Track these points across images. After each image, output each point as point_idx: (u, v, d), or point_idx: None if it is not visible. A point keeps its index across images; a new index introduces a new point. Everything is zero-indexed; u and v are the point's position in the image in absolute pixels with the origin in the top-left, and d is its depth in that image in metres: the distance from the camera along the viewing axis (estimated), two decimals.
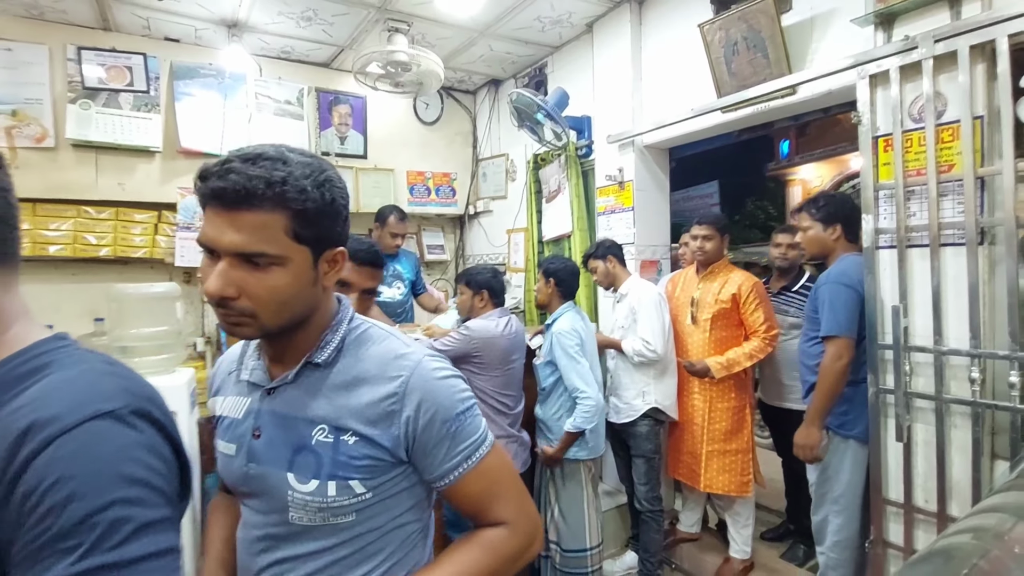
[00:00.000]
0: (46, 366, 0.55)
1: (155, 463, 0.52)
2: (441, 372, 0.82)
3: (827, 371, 2.03)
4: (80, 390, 0.52)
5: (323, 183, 0.72)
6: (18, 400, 0.51)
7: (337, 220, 0.76)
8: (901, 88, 1.86)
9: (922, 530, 1.85)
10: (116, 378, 0.56)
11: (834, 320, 2.02)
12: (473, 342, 2.13)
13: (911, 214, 1.86)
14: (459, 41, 3.34)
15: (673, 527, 2.83)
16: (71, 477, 0.46)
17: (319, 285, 0.77)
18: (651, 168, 3.01)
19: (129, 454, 0.50)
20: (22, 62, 2.92)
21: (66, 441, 0.47)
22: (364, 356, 0.81)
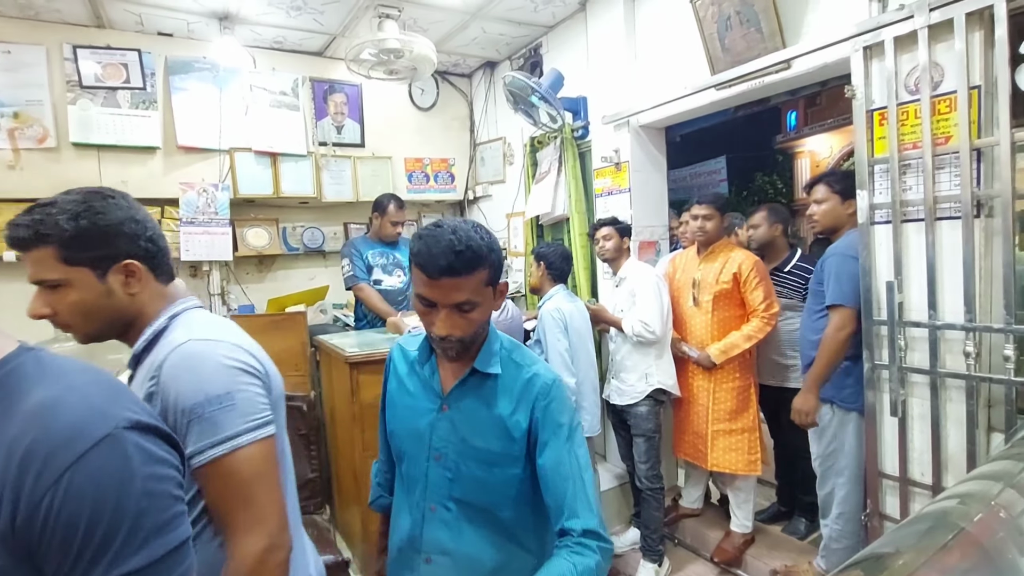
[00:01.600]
0: (18, 383, 0.55)
1: (157, 469, 0.57)
2: (198, 359, 0.87)
3: (829, 339, 2.06)
4: (70, 414, 0.53)
5: (79, 214, 0.85)
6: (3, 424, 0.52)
7: (109, 240, 0.88)
8: (896, 59, 1.83)
9: (918, 503, 1.87)
10: (98, 387, 0.59)
11: (839, 290, 2.04)
12: None
13: (907, 188, 1.84)
14: (451, 24, 3.31)
15: (676, 503, 2.87)
16: (88, 506, 0.50)
17: (120, 295, 0.91)
18: (647, 148, 2.98)
19: (132, 472, 0.54)
20: (21, 64, 2.94)
21: (77, 472, 0.50)
22: (158, 347, 0.92)
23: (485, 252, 0.95)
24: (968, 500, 0.94)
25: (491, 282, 0.99)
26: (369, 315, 3.14)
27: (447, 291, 0.93)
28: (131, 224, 0.91)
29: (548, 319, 2.27)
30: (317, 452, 2.35)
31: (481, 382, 1.06)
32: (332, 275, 3.90)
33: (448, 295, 0.94)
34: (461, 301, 0.95)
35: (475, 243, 0.93)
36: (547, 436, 1.02)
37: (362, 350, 2.33)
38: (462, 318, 0.97)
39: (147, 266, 0.93)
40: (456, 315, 0.96)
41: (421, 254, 0.92)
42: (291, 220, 3.82)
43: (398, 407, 1.15)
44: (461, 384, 1.07)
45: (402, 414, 1.14)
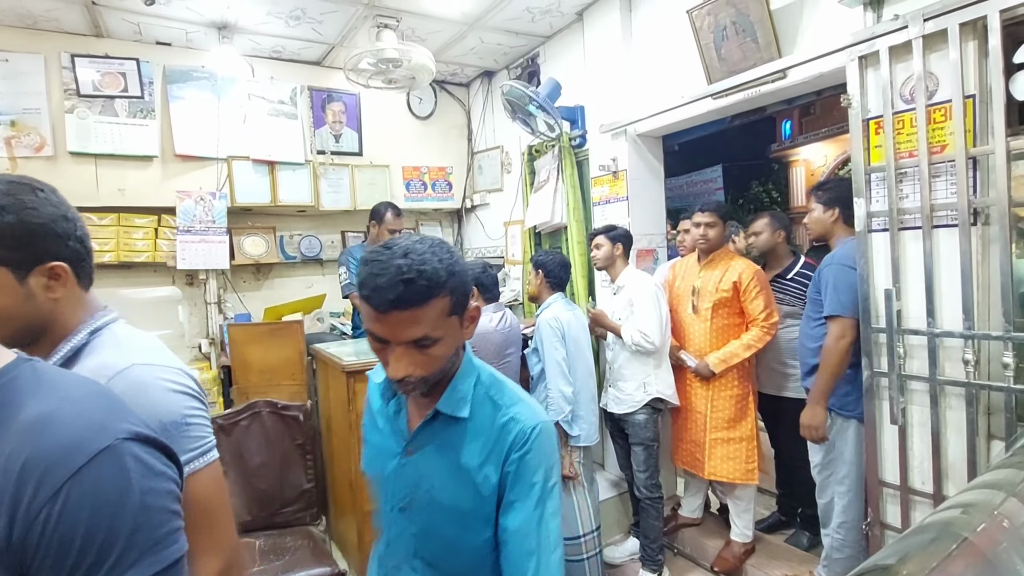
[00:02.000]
0: (14, 396, 0.55)
1: (156, 483, 0.56)
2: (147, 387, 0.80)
3: (830, 351, 2.06)
4: (67, 428, 0.53)
5: (5, 208, 0.77)
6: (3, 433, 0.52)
7: (37, 238, 0.79)
8: (891, 69, 1.84)
9: (919, 511, 1.86)
10: (95, 400, 0.58)
11: (837, 300, 2.05)
12: None
13: (903, 196, 1.85)
14: (450, 34, 3.33)
15: (675, 512, 2.85)
16: (84, 521, 0.49)
17: (40, 300, 0.80)
18: (645, 156, 3.00)
19: (129, 486, 0.53)
20: (19, 72, 2.94)
21: (74, 486, 0.50)
22: (83, 367, 0.82)
23: (443, 278, 0.81)
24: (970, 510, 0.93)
25: (455, 311, 0.85)
26: None
27: (399, 326, 0.81)
28: (62, 223, 0.82)
29: (546, 327, 2.26)
30: (313, 462, 2.34)
31: (448, 425, 0.92)
32: (329, 283, 3.89)
33: (400, 331, 0.81)
34: (417, 337, 0.82)
35: (429, 268, 0.80)
36: (515, 496, 0.87)
37: (359, 359, 2.32)
38: (421, 355, 0.84)
39: (74, 270, 0.83)
40: (414, 352, 0.83)
41: (366, 285, 0.79)
42: (288, 228, 3.82)
43: (369, 444, 1.04)
44: (426, 426, 0.92)
45: (370, 453, 1.02)
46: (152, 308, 2.46)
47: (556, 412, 2.22)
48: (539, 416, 0.92)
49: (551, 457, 0.90)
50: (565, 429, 2.24)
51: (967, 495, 1.05)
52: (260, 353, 2.83)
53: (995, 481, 1.10)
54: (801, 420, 2.17)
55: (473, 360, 0.97)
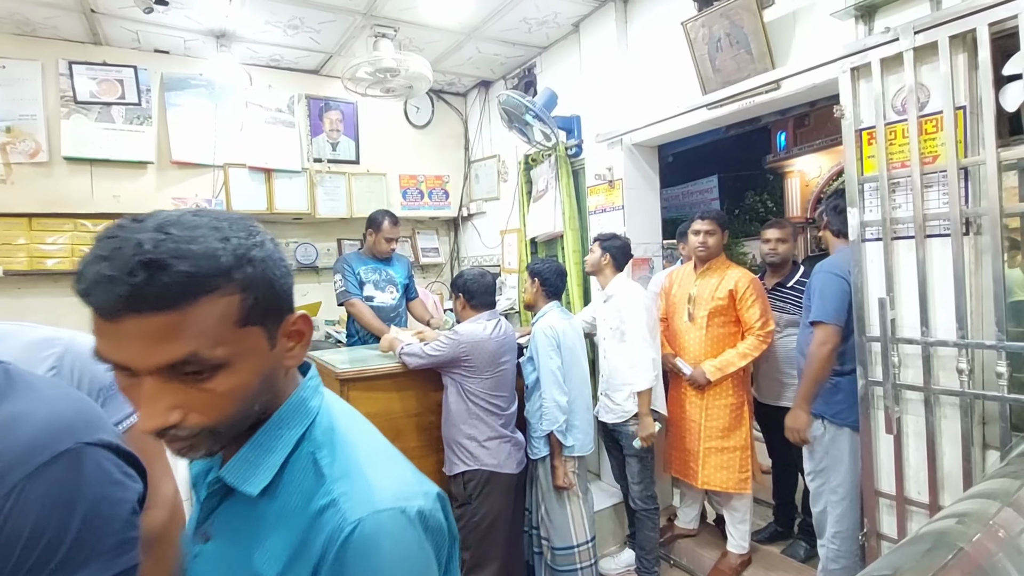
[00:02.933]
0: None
1: (112, 492, 0.54)
2: None
3: (813, 356, 2.11)
4: (35, 426, 0.52)
5: None
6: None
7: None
8: (883, 80, 1.86)
9: (915, 522, 1.85)
10: (67, 402, 0.58)
11: (822, 307, 2.09)
12: (461, 346, 2.14)
13: (896, 206, 1.86)
14: (447, 44, 3.35)
15: (671, 523, 2.83)
16: (31, 521, 0.48)
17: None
18: (640, 166, 3.01)
19: (84, 490, 0.51)
20: (16, 78, 2.95)
21: (29, 485, 0.49)
22: None
23: (225, 264, 0.52)
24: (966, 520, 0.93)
25: (255, 318, 0.55)
26: (361, 332, 3.12)
27: (141, 342, 0.50)
28: None
29: (541, 336, 2.26)
30: None
31: (247, 503, 0.59)
32: (325, 291, 3.88)
33: (145, 350, 0.50)
34: (176, 359, 0.51)
35: (198, 249, 0.51)
36: None
37: (353, 366, 2.30)
38: (192, 390, 0.52)
39: None
40: (176, 387, 0.52)
41: (83, 274, 0.50)
42: (284, 236, 3.81)
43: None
44: (220, 500, 0.63)
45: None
46: None
47: (551, 422, 2.21)
48: (373, 503, 0.55)
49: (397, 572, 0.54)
50: (559, 439, 2.23)
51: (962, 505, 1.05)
52: None
53: (990, 491, 1.10)
54: (785, 422, 2.22)
55: (310, 401, 0.63)
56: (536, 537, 2.39)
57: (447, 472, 2.22)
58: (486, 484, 2.15)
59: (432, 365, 2.20)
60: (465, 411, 2.17)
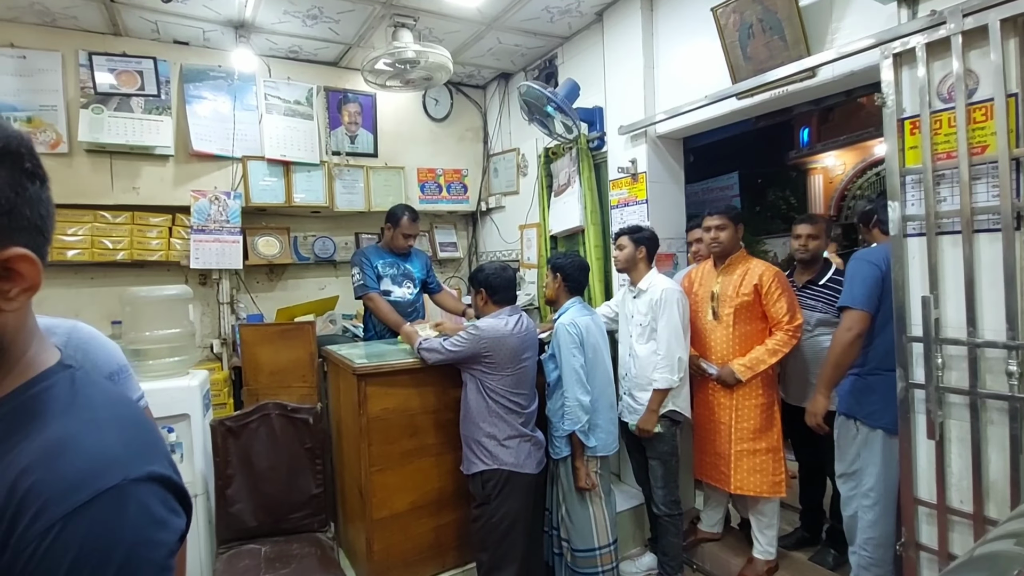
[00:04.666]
0: (46, 407, 0.53)
1: (154, 534, 0.51)
2: None
3: (836, 340, 2.09)
4: (82, 457, 0.49)
5: None
6: (17, 451, 0.49)
7: None
8: (928, 66, 1.76)
9: (957, 532, 1.76)
10: (120, 427, 0.54)
11: (850, 292, 2.06)
12: (482, 342, 2.09)
13: (941, 199, 1.76)
14: (467, 35, 3.29)
15: (694, 526, 2.75)
16: (68, 562, 0.45)
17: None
18: (665, 159, 2.93)
19: (125, 534, 0.48)
20: (36, 69, 2.95)
21: (67, 525, 0.45)
22: None
23: None
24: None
25: None
26: (378, 326, 3.08)
27: None
28: None
29: (563, 333, 2.19)
30: (322, 467, 2.28)
31: None
32: (342, 285, 3.86)
33: None
34: None
35: None
36: None
37: (371, 361, 2.27)
38: None
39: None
40: None
41: None
42: (302, 229, 3.79)
43: None
44: None
45: None
46: (162, 306, 2.43)
47: (573, 422, 2.15)
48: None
49: None
50: (582, 439, 2.17)
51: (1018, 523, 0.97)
52: (270, 354, 2.79)
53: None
54: (807, 408, 2.21)
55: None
56: (556, 538, 2.34)
57: (465, 471, 2.18)
58: (505, 484, 2.10)
59: (452, 361, 2.15)
60: (485, 409, 2.11)
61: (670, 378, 2.27)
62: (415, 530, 2.29)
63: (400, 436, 2.25)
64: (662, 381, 2.28)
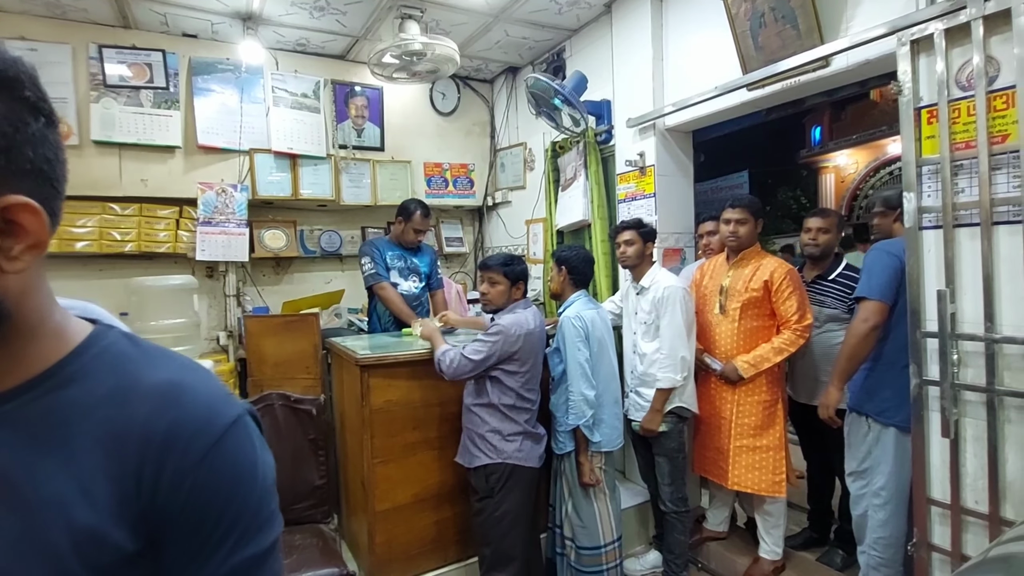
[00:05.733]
0: (126, 360, 0.53)
1: (268, 458, 0.55)
2: None
3: (852, 331, 2.04)
4: (201, 397, 0.52)
5: None
6: (123, 401, 0.49)
7: None
8: (947, 54, 1.71)
9: (971, 533, 1.71)
10: (204, 373, 0.56)
11: (867, 283, 2.02)
12: (509, 340, 2.03)
13: (959, 191, 1.71)
14: (474, 27, 3.27)
15: (699, 524, 2.71)
16: (224, 488, 0.50)
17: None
18: (673, 152, 2.89)
19: (257, 457, 0.53)
20: (47, 62, 2.96)
21: (216, 453, 0.49)
22: None
23: None
24: None
25: None
26: (383, 318, 3.07)
27: None
28: None
29: (569, 326, 2.16)
30: (326, 458, 2.27)
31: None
32: (349, 279, 3.85)
33: None
34: None
35: None
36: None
37: (374, 352, 2.25)
38: None
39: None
40: None
41: None
42: (309, 223, 3.79)
43: None
44: None
45: None
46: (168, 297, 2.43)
47: (577, 416, 2.12)
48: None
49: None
50: (586, 434, 2.14)
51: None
52: (275, 346, 2.79)
53: None
54: (820, 401, 2.16)
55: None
56: (559, 536, 2.31)
57: (467, 464, 2.15)
58: (509, 478, 2.07)
59: (482, 369, 2.06)
60: (492, 405, 2.08)
61: (673, 377, 2.24)
62: (417, 523, 2.27)
63: (403, 429, 2.23)
64: (665, 380, 2.24)
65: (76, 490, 0.46)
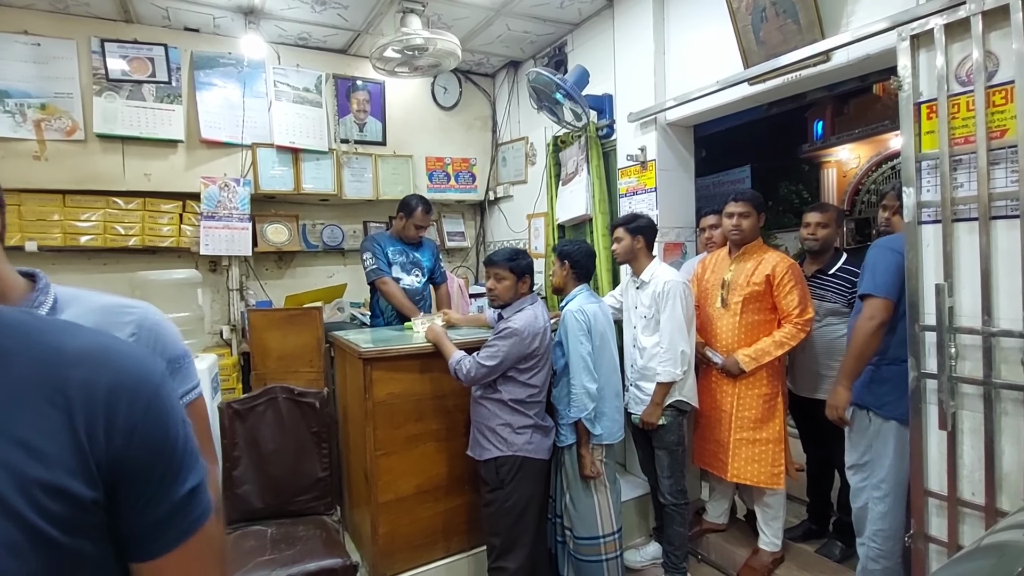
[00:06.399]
0: (54, 323, 0.60)
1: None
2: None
3: (858, 329, 2.02)
4: (134, 356, 0.59)
5: None
6: (70, 348, 0.54)
7: None
8: (947, 48, 1.71)
9: (968, 525, 1.73)
10: (120, 340, 0.64)
11: (871, 280, 2.00)
12: (525, 339, 2.04)
13: (958, 185, 1.72)
14: (476, 21, 3.27)
15: (699, 517, 2.74)
16: (163, 432, 0.57)
17: None
18: (675, 147, 2.89)
19: (179, 405, 0.60)
20: (51, 56, 2.98)
21: (156, 403, 0.56)
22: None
23: None
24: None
25: None
26: (386, 312, 3.09)
27: None
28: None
29: (571, 320, 2.18)
30: (329, 450, 2.30)
31: None
32: (351, 273, 3.87)
33: None
34: None
35: None
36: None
37: (376, 346, 2.27)
38: None
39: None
40: None
41: None
42: (311, 217, 3.80)
43: None
44: None
45: None
46: (171, 290, 2.45)
47: (579, 409, 2.14)
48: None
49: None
50: (588, 427, 2.16)
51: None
52: (278, 339, 2.81)
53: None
54: (827, 401, 2.14)
55: None
56: (559, 526, 2.33)
57: (476, 457, 2.17)
58: (519, 470, 2.09)
59: (497, 373, 2.07)
60: (502, 401, 2.10)
61: (673, 371, 2.25)
62: (420, 514, 2.30)
63: (406, 421, 2.25)
64: (665, 375, 2.26)
65: (22, 451, 0.48)
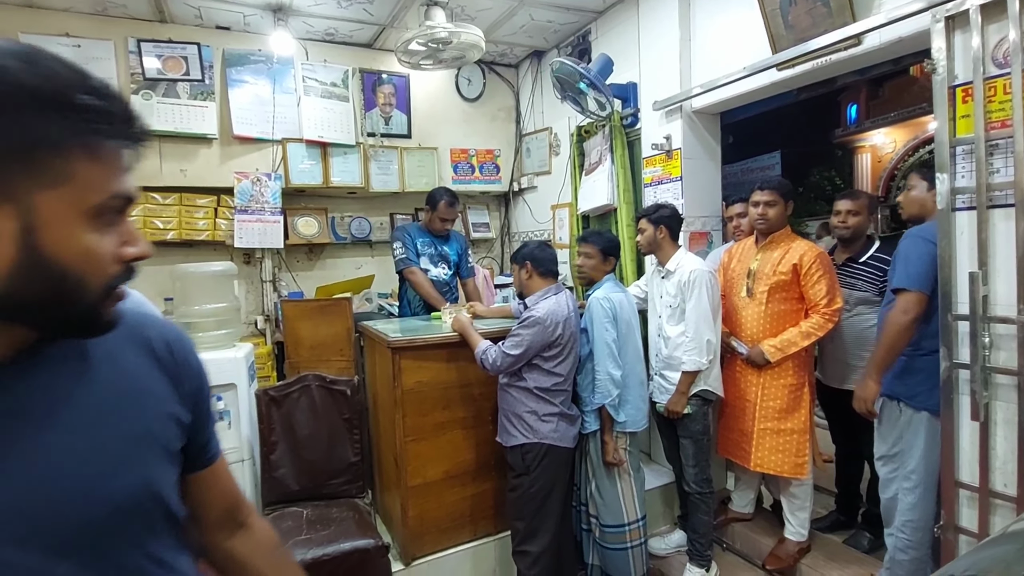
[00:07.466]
0: None
1: None
2: None
3: (891, 323, 1.97)
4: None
5: None
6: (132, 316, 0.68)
7: None
8: (983, 29, 1.66)
9: (999, 516, 1.71)
10: None
11: (905, 272, 1.94)
12: (548, 327, 2.07)
13: (994, 171, 1.68)
14: (499, 12, 3.27)
15: (724, 507, 2.75)
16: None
17: None
18: (700, 135, 2.86)
19: None
20: (91, 57, 3.09)
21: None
22: None
23: None
24: None
25: None
26: (413, 303, 3.15)
27: None
28: None
29: (597, 307, 2.20)
30: (360, 436, 2.37)
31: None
32: (378, 264, 3.95)
33: None
34: None
35: None
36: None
37: (405, 335, 2.33)
38: None
39: None
40: None
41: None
42: (339, 210, 3.89)
43: None
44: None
45: None
46: (209, 282, 2.55)
47: (603, 395, 2.16)
48: None
49: None
50: (611, 414, 2.19)
51: None
52: (310, 329, 2.90)
53: None
54: (855, 393, 2.11)
55: None
56: (584, 513, 2.37)
57: (504, 443, 2.22)
58: (544, 457, 2.13)
59: (522, 362, 2.11)
60: (528, 388, 2.14)
61: (699, 360, 2.25)
62: (448, 498, 2.36)
63: (433, 408, 2.31)
64: (690, 364, 2.27)
65: (151, 396, 0.66)
